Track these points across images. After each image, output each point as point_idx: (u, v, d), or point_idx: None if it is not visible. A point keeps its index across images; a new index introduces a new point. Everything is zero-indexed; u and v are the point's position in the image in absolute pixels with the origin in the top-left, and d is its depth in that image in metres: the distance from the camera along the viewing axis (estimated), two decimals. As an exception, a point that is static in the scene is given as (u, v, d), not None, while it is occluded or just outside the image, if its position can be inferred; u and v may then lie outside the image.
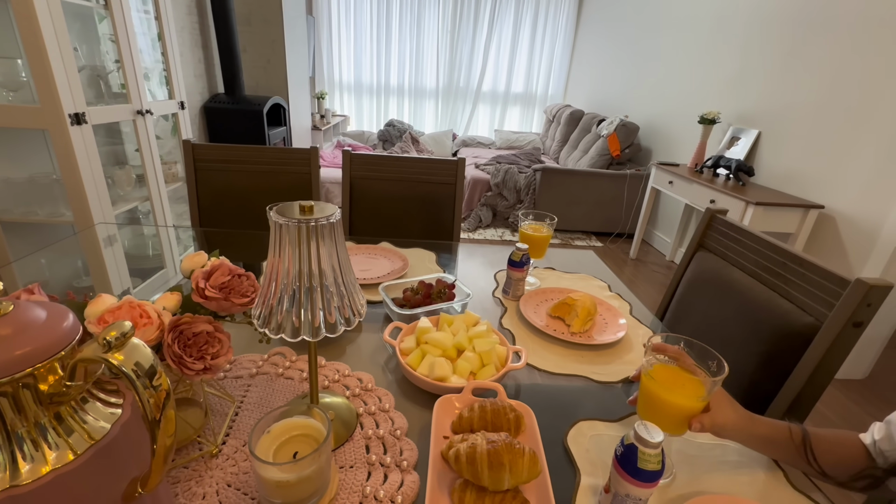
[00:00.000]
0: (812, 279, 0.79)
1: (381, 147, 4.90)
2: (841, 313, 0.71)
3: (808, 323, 0.78)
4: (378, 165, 1.46)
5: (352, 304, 0.52)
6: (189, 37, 2.84)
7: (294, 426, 0.50)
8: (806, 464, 0.53)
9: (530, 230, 1.05)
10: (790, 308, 0.82)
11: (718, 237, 1.03)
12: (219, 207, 1.45)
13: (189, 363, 0.45)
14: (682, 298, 1.09)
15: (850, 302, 0.69)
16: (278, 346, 0.76)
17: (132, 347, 0.32)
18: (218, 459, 0.54)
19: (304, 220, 0.46)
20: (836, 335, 0.71)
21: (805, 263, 0.81)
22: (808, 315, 0.78)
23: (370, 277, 1.01)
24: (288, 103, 3.59)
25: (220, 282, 0.52)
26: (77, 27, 1.88)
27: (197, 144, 1.40)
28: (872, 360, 1.98)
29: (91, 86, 1.95)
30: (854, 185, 1.96)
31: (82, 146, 1.62)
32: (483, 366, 0.70)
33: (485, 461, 0.49)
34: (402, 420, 0.62)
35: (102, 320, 0.43)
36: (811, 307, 0.78)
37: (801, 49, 2.25)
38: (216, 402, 0.62)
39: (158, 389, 0.33)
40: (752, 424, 0.55)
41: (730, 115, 2.72)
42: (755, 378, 0.85)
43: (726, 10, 2.79)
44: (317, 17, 4.81)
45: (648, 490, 0.47)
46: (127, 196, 2.04)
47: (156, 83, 2.33)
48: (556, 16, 5.08)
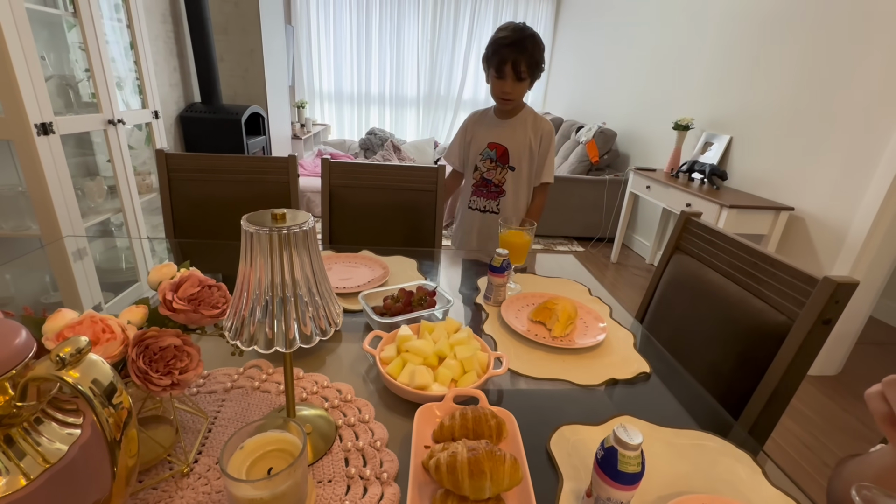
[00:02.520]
0: (783, 278, 0.81)
1: (362, 155, 4.89)
2: (811, 311, 0.73)
3: (780, 321, 0.79)
4: (358, 173, 1.45)
5: (327, 314, 0.51)
6: (164, 45, 2.79)
7: (269, 441, 0.48)
8: None
9: (510, 236, 1.05)
10: (763, 307, 0.84)
11: (694, 240, 1.05)
12: (194, 218, 1.42)
13: (155, 379, 0.43)
14: (660, 300, 1.11)
15: (819, 300, 0.72)
16: (255, 359, 0.74)
17: (89, 364, 0.30)
18: (189, 479, 0.52)
19: (275, 228, 0.45)
20: (808, 332, 0.73)
21: (776, 263, 0.83)
22: (781, 314, 0.80)
23: (350, 286, 0.99)
24: (267, 112, 3.55)
25: (189, 293, 0.50)
26: (44, 35, 1.83)
27: (170, 154, 1.37)
28: (844, 356, 2.05)
29: (60, 95, 1.89)
30: (822, 188, 2.03)
31: (49, 157, 1.57)
32: (464, 373, 0.70)
33: (465, 470, 0.48)
34: (383, 431, 0.61)
35: (61, 336, 0.41)
36: (783, 306, 0.80)
37: (768, 57, 2.34)
38: (188, 418, 0.60)
39: (119, 408, 0.31)
40: None
41: (703, 121, 2.80)
42: (732, 377, 0.86)
43: (698, 20, 2.89)
44: (296, 26, 4.79)
45: (629, 493, 0.47)
46: (98, 208, 1.98)
47: (129, 92, 2.27)
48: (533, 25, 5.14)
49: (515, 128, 1.43)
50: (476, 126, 1.49)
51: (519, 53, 1.25)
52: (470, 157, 1.51)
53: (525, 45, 1.25)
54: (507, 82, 1.30)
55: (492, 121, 1.47)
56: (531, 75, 1.31)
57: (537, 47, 1.28)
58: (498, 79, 1.31)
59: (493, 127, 1.46)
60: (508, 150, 1.43)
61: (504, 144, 1.44)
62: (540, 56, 1.29)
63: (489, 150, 1.46)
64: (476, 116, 1.52)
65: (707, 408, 0.73)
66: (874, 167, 1.80)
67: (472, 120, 1.52)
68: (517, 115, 1.44)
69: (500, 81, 1.31)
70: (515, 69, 1.28)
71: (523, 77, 1.29)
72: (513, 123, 1.43)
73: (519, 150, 1.43)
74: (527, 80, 1.31)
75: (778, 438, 1.65)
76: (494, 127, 1.45)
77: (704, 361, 0.92)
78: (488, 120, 1.48)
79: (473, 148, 1.49)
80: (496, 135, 1.45)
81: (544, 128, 1.43)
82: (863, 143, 1.85)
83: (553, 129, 1.45)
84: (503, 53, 1.27)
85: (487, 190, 1.50)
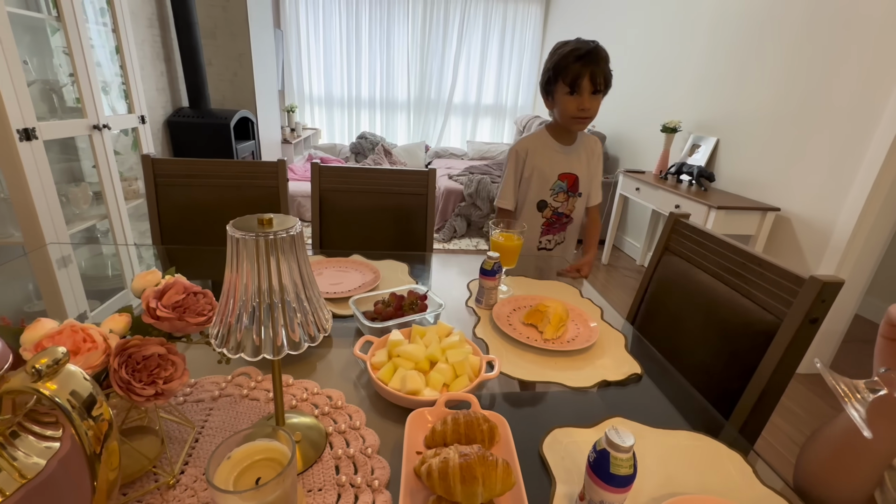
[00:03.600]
0: (771, 278, 0.82)
1: (353, 160, 4.87)
2: (798, 310, 0.73)
3: (769, 321, 0.80)
4: (348, 177, 1.44)
5: (316, 321, 0.51)
6: (150, 49, 2.76)
7: (257, 450, 0.47)
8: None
9: (501, 238, 1.05)
10: (752, 307, 0.84)
11: (683, 241, 1.06)
12: (182, 224, 1.40)
13: (138, 389, 0.42)
14: (651, 301, 1.12)
15: (806, 299, 0.72)
16: (243, 367, 0.73)
17: (67, 375, 0.29)
18: (175, 491, 0.50)
19: (262, 233, 0.44)
20: (795, 331, 0.73)
21: (763, 263, 0.84)
22: (769, 313, 0.81)
23: (341, 291, 0.99)
24: (256, 117, 3.53)
25: (173, 301, 0.49)
26: (27, 39, 1.80)
27: (157, 159, 1.35)
28: (831, 353, 2.08)
29: (43, 100, 1.86)
30: (806, 188, 2.07)
31: (32, 163, 1.54)
32: (456, 377, 0.69)
33: (457, 476, 0.47)
34: (374, 437, 0.60)
35: (40, 346, 0.40)
36: (771, 305, 0.81)
37: (754, 61, 2.38)
38: (174, 428, 0.59)
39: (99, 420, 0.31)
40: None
41: (690, 123, 2.84)
42: (723, 377, 0.87)
43: (686, 24, 2.93)
44: (285, 30, 4.78)
45: (622, 495, 0.47)
46: (83, 214, 1.95)
47: (115, 97, 2.25)
48: (522, 29, 5.22)
49: (580, 152, 1.33)
50: (537, 158, 1.32)
51: (595, 64, 1.16)
52: (532, 193, 1.34)
53: (600, 55, 1.16)
54: (584, 97, 1.18)
55: (555, 148, 1.32)
56: (606, 89, 1.21)
57: (607, 58, 1.19)
58: (572, 94, 1.19)
59: (560, 155, 1.32)
60: (579, 178, 1.33)
61: (575, 173, 1.32)
62: (610, 69, 1.20)
63: (561, 183, 1.32)
64: (532, 145, 1.34)
65: (698, 408, 0.73)
66: (857, 168, 1.83)
67: (528, 151, 1.33)
68: (577, 138, 1.33)
69: (575, 98, 1.19)
70: (593, 81, 1.17)
71: (600, 90, 1.19)
72: (576, 148, 1.32)
73: (586, 176, 1.34)
74: (602, 93, 1.20)
75: (768, 436, 1.67)
76: (561, 155, 1.32)
77: (695, 361, 0.92)
78: (551, 148, 1.32)
79: (538, 182, 1.33)
80: (567, 164, 1.32)
81: (597, 145, 1.34)
82: (845, 144, 1.88)
83: (602, 147, 1.37)
84: (577, 66, 1.16)
85: (560, 224, 1.38)
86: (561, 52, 1.20)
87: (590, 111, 1.21)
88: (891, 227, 1.88)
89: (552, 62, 1.22)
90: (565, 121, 1.26)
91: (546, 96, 1.28)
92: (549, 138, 1.33)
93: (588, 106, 1.20)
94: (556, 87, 1.22)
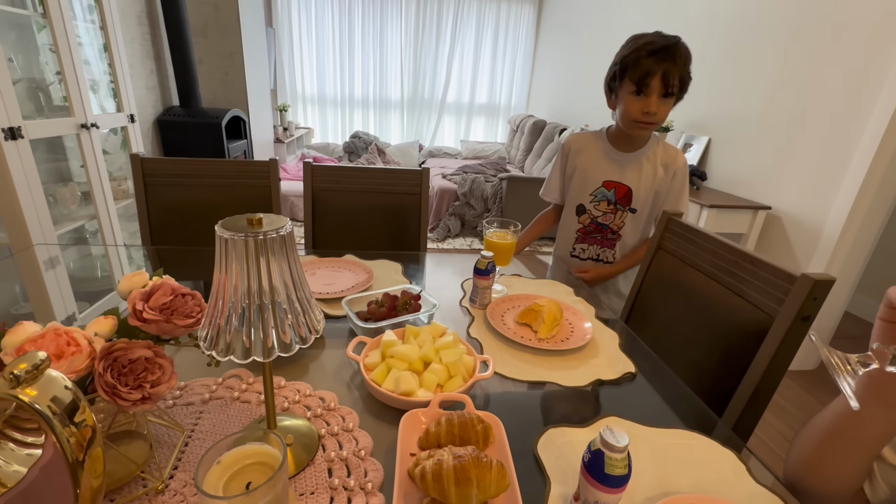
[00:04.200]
0: (762, 276, 0.82)
1: (346, 159, 4.85)
2: (790, 308, 0.74)
3: (761, 318, 0.81)
4: (341, 177, 1.43)
5: (308, 322, 0.50)
6: (140, 48, 2.72)
7: (248, 454, 0.46)
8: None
9: (495, 238, 1.05)
10: (744, 305, 0.85)
11: (675, 239, 1.06)
12: (173, 224, 1.38)
13: (124, 393, 0.41)
14: (643, 299, 1.12)
15: (798, 297, 0.73)
16: (235, 369, 0.72)
17: (48, 381, 0.28)
18: (164, 496, 0.49)
19: (251, 233, 0.44)
20: (787, 329, 0.74)
21: (756, 262, 0.84)
22: (761, 311, 0.81)
23: (334, 291, 0.98)
24: (248, 116, 3.50)
25: (161, 302, 0.48)
26: (13, 37, 1.77)
27: (146, 158, 1.33)
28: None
29: (30, 98, 1.83)
30: (797, 187, 2.09)
31: (18, 162, 1.51)
32: (450, 377, 0.69)
33: (451, 478, 0.47)
34: (367, 439, 0.59)
35: (22, 351, 0.39)
36: (763, 303, 0.81)
37: (744, 61, 2.39)
38: (164, 432, 0.58)
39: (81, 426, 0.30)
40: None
41: (682, 123, 2.86)
42: (716, 374, 0.87)
43: (677, 25, 2.94)
44: (277, 29, 4.74)
45: (617, 495, 0.46)
46: (72, 215, 1.92)
47: (104, 95, 2.21)
48: (516, 28, 5.22)
49: (641, 163, 1.15)
50: (583, 158, 1.20)
51: (671, 62, 1.01)
52: (572, 194, 1.24)
53: (678, 53, 1.02)
54: (651, 99, 1.04)
55: (607, 152, 1.18)
56: (681, 92, 1.06)
57: (689, 57, 1.05)
58: (638, 95, 1.05)
59: (610, 160, 1.17)
60: (632, 192, 1.16)
61: (627, 185, 1.16)
62: (690, 69, 1.05)
63: (605, 190, 1.18)
64: (581, 143, 1.22)
65: (692, 406, 0.73)
66: (846, 167, 1.85)
67: (576, 148, 1.22)
68: (644, 145, 1.15)
69: (640, 99, 1.05)
70: (665, 82, 1.02)
71: (672, 93, 1.04)
72: (638, 157, 1.15)
73: (646, 190, 1.16)
74: (674, 97, 1.06)
75: (760, 433, 1.68)
76: (612, 161, 1.17)
77: (687, 359, 0.92)
78: (601, 151, 1.18)
79: (579, 185, 1.22)
80: (616, 172, 1.17)
81: (678, 161, 1.14)
82: (835, 144, 1.90)
83: (687, 162, 1.15)
84: (648, 63, 1.01)
85: (602, 237, 1.24)
86: (633, 44, 1.05)
87: (656, 116, 1.06)
88: (879, 226, 1.90)
89: (621, 55, 1.07)
90: (625, 123, 1.11)
91: (609, 93, 1.13)
92: (603, 139, 1.20)
93: (655, 110, 1.05)
94: (622, 84, 1.08)
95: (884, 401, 0.48)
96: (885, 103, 1.70)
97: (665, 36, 1.04)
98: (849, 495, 0.54)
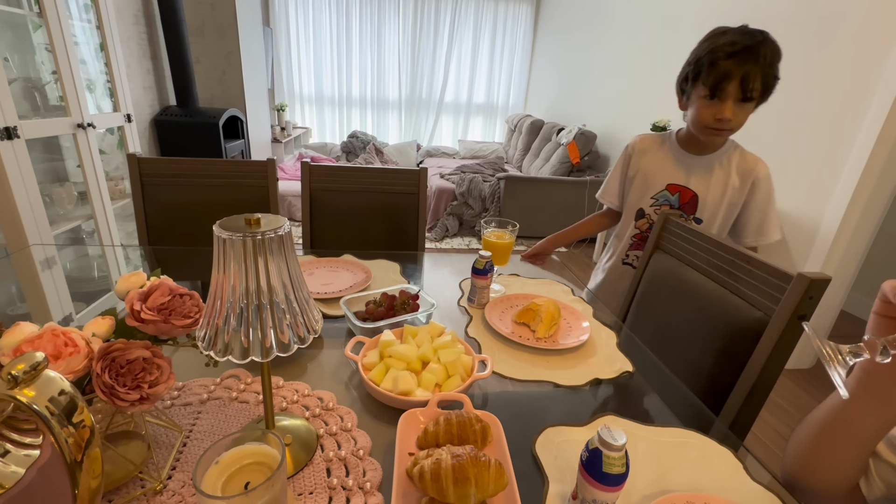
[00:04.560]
0: (759, 275, 0.83)
1: (344, 159, 4.85)
2: (786, 307, 0.74)
3: (758, 317, 0.81)
4: (338, 177, 1.43)
5: (306, 322, 0.50)
6: (136, 47, 2.71)
7: (246, 454, 0.46)
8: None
9: (493, 237, 1.05)
10: (741, 304, 0.85)
11: (673, 238, 1.07)
12: (170, 224, 1.38)
13: (122, 394, 0.41)
14: (641, 299, 1.12)
15: (794, 296, 0.73)
16: (232, 369, 0.72)
17: (45, 381, 0.28)
18: (162, 497, 0.49)
19: (249, 233, 0.44)
20: (784, 328, 0.74)
21: (752, 261, 0.85)
22: (758, 310, 0.82)
23: (332, 291, 0.98)
24: (246, 115, 3.49)
25: (158, 303, 0.48)
26: (8, 36, 1.76)
27: (143, 158, 1.33)
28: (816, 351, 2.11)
29: (25, 98, 1.82)
30: (792, 187, 2.09)
31: (14, 162, 1.51)
32: (449, 377, 0.69)
33: (450, 477, 0.47)
34: (366, 439, 0.59)
35: (19, 351, 0.39)
36: (760, 302, 0.82)
37: (740, 60, 2.40)
38: (162, 433, 0.58)
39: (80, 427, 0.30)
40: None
41: (679, 122, 2.86)
42: (713, 372, 0.88)
43: (674, 24, 2.95)
44: (274, 28, 4.73)
45: (615, 494, 0.47)
46: (68, 215, 1.91)
47: (100, 95, 2.20)
48: (513, 28, 5.23)
49: (712, 167, 1.05)
50: (648, 158, 1.12)
51: (753, 64, 0.90)
52: (632, 198, 1.15)
53: (762, 53, 0.90)
54: (726, 105, 0.93)
55: (675, 153, 1.09)
56: (764, 96, 0.94)
57: (777, 56, 0.93)
58: (712, 99, 0.95)
59: (676, 163, 1.09)
60: (699, 198, 1.06)
61: (694, 190, 1.06)
62: (777, 69, 0.93)
63: (668, 194, 1.09)
64: (647, 143, 1.14)
65: (689, 405, 0.73)
66: (841, 167, 1.86)
67: (642, 148, 1.14)
68: (718, 149, 1.05)
69: (714, 103, 0.95)
70: (745, 86, 0.91)
71: (751, 97, 0.93)
72: (709, 162, 1.05)
73: (715, 199, 1.06)
74: (755, 101, 0.95)
75: (757, 431, 1.69)
76: (679, 163, 1.08)
77: (685, 358, 0.93)
78: (668, 152, 1.10)
79: (640, 186, 1.14)
80: (682, 175, 1.08)
81: (759, 171, 1.03)
82: (830, 143, 1.91)
83: (770, 173, 1.04)
84: (726, 66, 0.91)
85: None
86: (711, 43, 0.95)
87: (731, 122, 0.95)
88: (875, 225, 1.91)
89: (696, 55, 0.97)
90: (696, 128, 1.02)
91: (680, 94, 1.04)
92: (671, 141, 1.11)
93: (730, 116, 0.94)
94: (695, 87, 0.98)
95: (877, 395, 0.49)
96: (881, 103, 1.71)
97: (750, 33, 0.92)
98: (844, 491, 0.54)
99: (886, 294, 0.45)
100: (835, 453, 0.53)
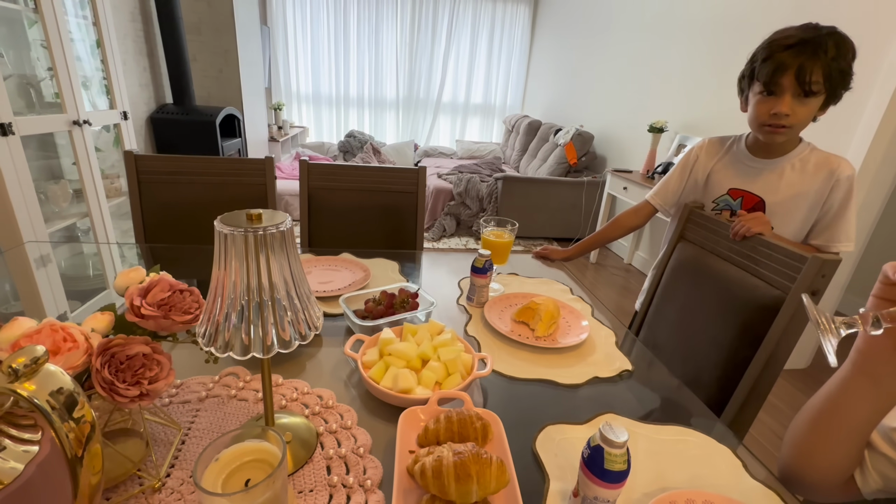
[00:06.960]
0: (777, 258, 0.89)
1: (341, 158, 4.83)
2: (801, 284, 0.82)
3: (775, 295, 0.88)
4: (337, 175, 1.42)
5: (307, 319, 0.50)
6: (133, 44, 2.69)
7: (246, 451, 0.46)
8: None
9: (492, 236, 1.05)
10: (760, 284, 0.92)
11: (696, 229, 1.11)
12: (166, 222, 1.37)
13: (121, 389, 0.40)
14: (667, 284, 1.17)
15: (809, 275, 0.81)
16: (231, 366, 0.71)
17: (46, 375, 0.28)
18: (161, 494, 0.49)
19: (251, 229, 0.43)
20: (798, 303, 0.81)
21: (771, 246, 0.91)
22: (775, 289, 0.89)
23: (331, 290, 0.97)
24: (243, 114, 3.48)
25: (158, 298, 0.48)
26: (3, 32, 1.74)
27: (140, 156, 1.32)
28: (813, 350, 2.13)
29: (20, 94, 1.81)
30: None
31: (8, 159, 1.49)
32: (448, 375, 0.69)
33: (451, 474, 0.47)
34: (366, 437, 0.59)
35: (17, 346, 0.39)
36: (777, 282, 0.89)
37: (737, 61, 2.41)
38: (160, 430, 0.57)
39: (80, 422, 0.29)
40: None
41: (676, 123, 2.88)
42: (734, 345, 0.95)
43: (671, 26, 2.96)
44: (272, 27, 4.71)
45: (616, 491, 0.47)
46: (63, 212, 1.90)
47: (96, 92, 2.19)
48: (511, 29, 5.23)
49: (782, 172, 0.98)
50: (713, 162, 1.07)
51: (810, 56, 0.84)
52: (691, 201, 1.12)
53: (822, 46, 0.84)
54: (781, 100, 0.87)
55: (741, 157, 1.03)
56: (830, 91, 0.86)
57: (845, 49, 0.85)
58: (768, 95, 0.89)
59: (741, 166, 1.03)
60: (765, 203, 1.00)
61: (759, 195, 1.00)
62: (847, 62, 0.86)
63: (729, 199, 1.05)
64: (713, 146, 1.09)
65: (688, 403, 0.74)
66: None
67: (708, 151, 1.09)
68: (789, 152, 0.98)
69: (769, 99, 0.89)
70: (801, 79, 0.84)
71: (813, 91, 0.85)
72: (779, 166, 0.98)
73: (785, 205, 0.99)
74: (818, 96, 0.87)
75: (754, 432, 1.70)
76: (745, 167, 1.02)
77: (708, 335, 1.00)
78: (734, 155, 1.05)
79: (702, 190, 1.10)
80: (747, 180, 1.02)
81: (841, 171, 0.94)
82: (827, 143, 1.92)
83: (854, 174, 0.95)
84: (781, 58, 0.85)
85: None
86: (772, 37, 0.90)
87: (789, 118, 0.88)
88: (869, 227, 1.93)
89: (756, 50, 0.93)
90: (753, 127, 0.97)
91: (741, 94, 1.00)
92: (739, 144, 1.05)
93: (787, 111, 0.87)
94: (752, 84, 0.94)
95: (871, 376, 0.49)
96: (878, 103, 1.72)
97: (812, 27, 0.87)
98: (839, 482, 0.54)
99: (888, 274, 0.46)
100: (830, 440, 0.53)
